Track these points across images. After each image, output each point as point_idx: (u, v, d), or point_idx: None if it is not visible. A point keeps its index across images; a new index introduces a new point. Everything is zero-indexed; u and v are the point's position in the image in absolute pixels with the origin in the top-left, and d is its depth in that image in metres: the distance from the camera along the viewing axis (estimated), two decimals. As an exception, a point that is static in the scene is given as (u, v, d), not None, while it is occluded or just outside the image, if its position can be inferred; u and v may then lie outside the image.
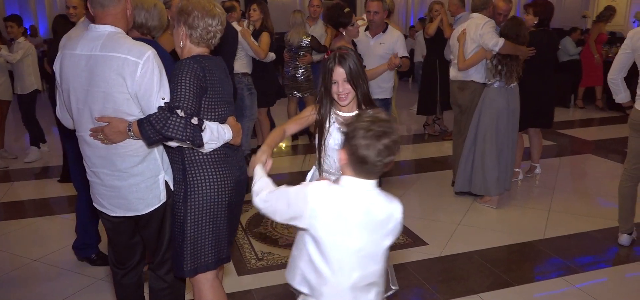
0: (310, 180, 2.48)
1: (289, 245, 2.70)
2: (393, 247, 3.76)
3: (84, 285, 3.34)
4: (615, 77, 3.68)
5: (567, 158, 6.26)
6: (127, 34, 2.19)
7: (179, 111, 1.99)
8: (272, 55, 5.46)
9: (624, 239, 3.78)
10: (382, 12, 4.56)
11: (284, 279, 3.03)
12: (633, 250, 3.72)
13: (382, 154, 1.57)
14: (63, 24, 4.17)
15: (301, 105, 6.63)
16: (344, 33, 4.30)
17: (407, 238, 3.92)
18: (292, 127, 2.42)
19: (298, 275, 1.75)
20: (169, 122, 1.97)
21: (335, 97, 2.28)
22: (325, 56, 2.40)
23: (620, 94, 3.71)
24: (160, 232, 2.33)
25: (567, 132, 7.45)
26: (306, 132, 6.94)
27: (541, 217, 4.34)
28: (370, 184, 1.65)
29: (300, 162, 5.80)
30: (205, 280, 2.32)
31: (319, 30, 6.45)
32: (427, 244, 3.82)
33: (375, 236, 1.68)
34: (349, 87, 2.26)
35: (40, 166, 6.05)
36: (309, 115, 2.41)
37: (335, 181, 1.71)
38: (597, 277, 3.39)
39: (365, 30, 4.62)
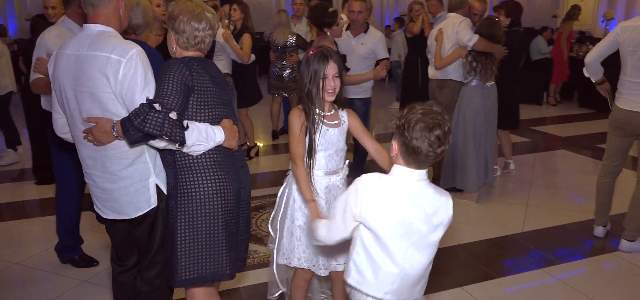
0: (283, 186, 2.50)
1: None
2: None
3: (69, 287, 3.30)
4: (594, 62, 3.67)
5: (541, 154, 6.42)
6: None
7: (156, 106, 1.92)
8: (252, 57, 5.43)
9: (599, 230, 3.92)
10: (365, 12, 4.62)
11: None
12: (608, 242, 3.86)
13: (434, 145, 1.61)
14: (43, 24, 4.10)
15: (285, 104, 6.64)
16: (328, 33, 4.33)
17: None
18: (301, 148, 2.34)
19: (349, 268, 1.80)
20: (147, 117, 1.89)
21: (325, 93, 2.29)
22: (311, 53, 2.34)
23: (598, 75, 3.72)
24: (151, 235, 2.29)
25: (540, 128, 7.64)
26: (285, 130, 6.96)
27: (520, 212, 4.46)
28: (420, 174, 1.70)
29: (283, 161, 5.82)
30: (198, 288, 2.28)
31: (303, 28, 6.44)
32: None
33: (422, 228, 1.71)
34: (338, 81, 2.30)
35: (17, 169, 5.92)
36: (301, 124, 2.32)
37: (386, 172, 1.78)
38: (576, 268, 3.50)
39: (345, 30, 4.67)
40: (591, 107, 8.74)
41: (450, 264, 3.55)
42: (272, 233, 2.57)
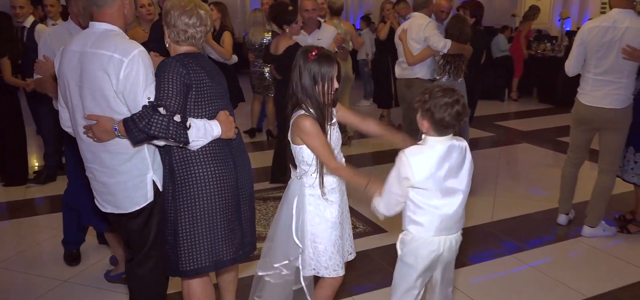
0: (293, 196, 2.39)
1: (261, 238, 2.73)
2: (354, 236, 3.92)
3: (47, 288, 3.27)
4: (574, 69, 3.77)
5: (505, 148, 6.68)
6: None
7: (161, 109, 1.97)
8: (234, 58, 5.36)
9: (562, 218, 4.14)
10: (318, 9, 4.84)
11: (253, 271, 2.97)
12: (572, 229, 4.09)
13: (459, 116, 2.02)
14: (6, 22, 4.06)
15: (263, 103, 6.66)
16: (287, 30, 4.43)
17: (366, 226, 4.10)
18: (332, 157, 2.27)
19: (406, 222, 2.18)
20: (152, 120, 1.95)
21: (330, 96, 2.27)
22: (313, 53, 2.23)
23: (580, 70, 3.78)
24: (144, 230, 2.31)
25: (503, 123, 7.93)
26: (259, 129, 7.01)
27: (488, 202, 4.66)
28: (447, 138, 2.10)
29: (264, 157, 5.85)
30: (195, 277, 2.34)
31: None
32: (386, 231, 4.01)
33: (452, 178, 2.11)
34: (337, 82, 2.29)
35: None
36: (319, 129, 2.23)
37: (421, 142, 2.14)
38: (544, 254, 3.71)
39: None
40: (550, 103, 9.10)
41: (425, 253, 3.68)
42: (299, 243, 2.39)
